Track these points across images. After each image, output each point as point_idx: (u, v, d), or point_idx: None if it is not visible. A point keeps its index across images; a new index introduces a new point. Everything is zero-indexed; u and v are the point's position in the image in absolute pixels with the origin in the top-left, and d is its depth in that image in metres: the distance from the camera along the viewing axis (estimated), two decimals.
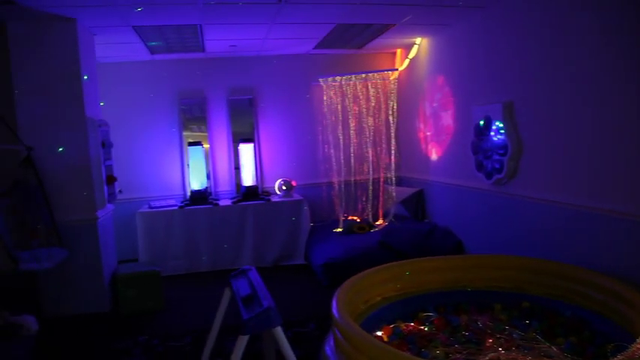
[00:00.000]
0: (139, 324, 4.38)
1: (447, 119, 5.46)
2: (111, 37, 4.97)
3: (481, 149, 4.59)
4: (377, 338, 2.98)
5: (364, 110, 6.41)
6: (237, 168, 6.50)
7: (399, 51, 6.69)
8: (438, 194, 5.88)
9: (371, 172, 6.45)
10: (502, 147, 4.25)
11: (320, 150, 6.61)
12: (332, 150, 6.52)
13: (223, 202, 6.10)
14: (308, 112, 6.67)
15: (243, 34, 5.34)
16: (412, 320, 3.38)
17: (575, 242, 3.57)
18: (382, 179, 6.49)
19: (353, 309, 3.02)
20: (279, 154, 6.70)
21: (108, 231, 4.84)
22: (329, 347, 2.84)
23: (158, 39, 5.21)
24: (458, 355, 2.79)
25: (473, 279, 3.65)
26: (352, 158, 6.49)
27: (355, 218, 6.35)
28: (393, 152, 6.39)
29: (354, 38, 5.72)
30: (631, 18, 3.04)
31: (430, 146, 5.95)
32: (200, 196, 6.12)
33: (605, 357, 2.64)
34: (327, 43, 5.94)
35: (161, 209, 5.84)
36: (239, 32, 5.23)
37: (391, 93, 6.36)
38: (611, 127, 3.23)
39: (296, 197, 6.21)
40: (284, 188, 6.30)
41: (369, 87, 6.39)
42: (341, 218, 6.27)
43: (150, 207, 5.94)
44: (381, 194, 6.50)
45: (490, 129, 4.40)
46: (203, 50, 5.92)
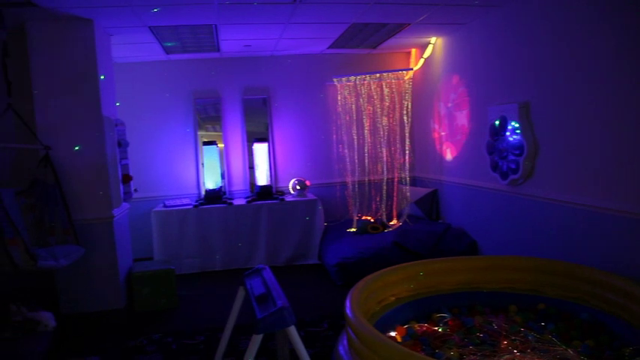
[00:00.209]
0: (154, 321, 4.42)
1: (462, 119, 5.43)
2: (127, 38, 5.02)
3: (496, 149, 4.55)
4: (390, 339, 2.97)
5: (378, 110, 6.40)
6: (251, 167, 6.52)
7: (414, 50, 6.66)
8: (453, 195, 5.84)
9: (385, 172, 6.43)
10: (518, 147, 4.21)
11: (334, 150, 6.61)
12: (346, 150, 6.52)
13: (237, 202, 6.13)
14: (322, 112, 6.67)
15: (257, 34, 5.35)
16: (426, 321, 3.37)
17: (591, 243, 3.53)
18: (396, 179, 6.47)
19: (366, 309, 3.02)
20: (293, 154, 6.71)
21: (123, 229, 4.88)
22: (342, 347, 2.84)
23: (174, 39, 5.25)
24: (472, 357, 2.77)
25: (487, 280, 3.62)
26: (366, 158, 6.48)
27: (369, 218, 6.34)
28: (408, 152, 6.36)
29: (369, 38, 5.71)
30: None
31: (445, 146, 5.91)
32: (214, 196, 6.15)
33: None
34: (342, 43, 5.93)
35: (176, 208, 5.88)
36: (254, 32, 5.25)
37: (406, 93, 6.33)
38: (628, 128, 3.19)
39: (310, 197, 6.21)
40: (298, 188, 6.30)
41: (384, 87, 6.37)
42: (355, 218, 6.27)
43: (165, 206, 5.99)
44: (395, 194, 6.49)
45: (506, 129, 4.36)
46: (218, 50, 5.95)
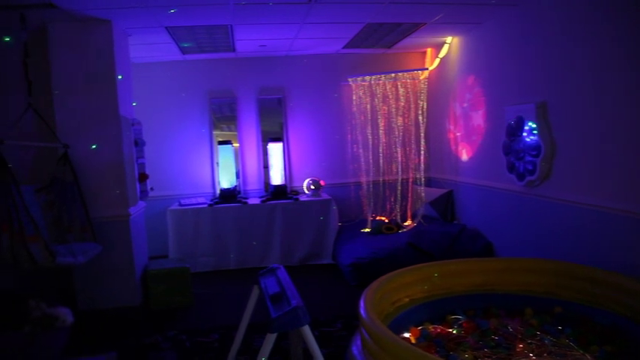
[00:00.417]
0: (168, 319, 4.46)
1: (478, 119, 5.38)
2: (144, 38, 5.07)
3: (513, 150, 4.51)
4: (404, 340, 2.96)
5: (393, 110, 6.37)
6: (266, 167, 6.55)
7: (429, 50, 6.62)
8: (468, 195, 5.80)
9: (400, 173, 6.40)
10: (535, 148, 4.17)
11: (349, 150, 6.60)
12: (361, 150, 6.50)
13: (252, 201, 6.16)
14: (337, 112, 6.67)
15: (272, 34, 5.37)
16: (440, 323, 3.35)
17: (609, 246, 3.48)
18: (411, 180, 6.44)
19: (380, 310, 3.01)
20: (307, 154, 6.72)
21: (139, 227, 4.93)
22: (356, 347, 2.84)
23: (190, 39, 5.29)
24: None
25: (503, 282, 3.59)
26: (381, 158, 6.46)
27: (383, 219, 6.32)
28: (423, 152, 6.33)
29: (384, 37, 5.69)
30: None
31: (460, 147, 5.87)
32: (229, 195, 6.19)
33: None
34: (357, 43, 5.92)
35: (191, 207, 5.93)
36: (269, 32, 5.27)
37: (421, 93, 6.30)
38: None
39: (324, 197, 6.22)
40: (312, 187, 6.31)
41: (399, 86, 6.34)
42: (369, 218, 6.25)
43: (180, 204, 6.04)
44: (410, 195, 6.46)
45: (522, 130, 4.31)
46: (233, 50, 5.98)
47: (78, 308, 4.42)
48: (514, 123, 4.43)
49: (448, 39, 5.99)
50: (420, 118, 6.29)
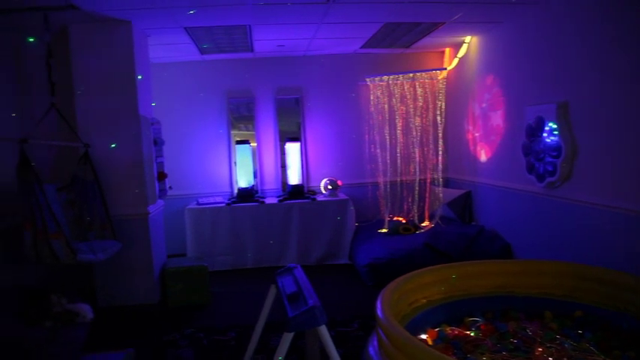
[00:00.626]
0: (186, 317, 4.50)
1: (497, 120, 5.32)
2: (163, 38, 5.13)
3: (533, 151, 4.45)
4: (421, 341, 2.94)
5: (411, 110, 6.34)
6: (283, 167, 6.57)
7: (448, 50, 6.57)
8: (487, 196, 5.74)
9: (417, 173, 6.37)
10: (555, 149, 4.10)
11: (366, 150, 6.58)
12: (378, 150, 6.48)
13: (269, 200, 6.18)
14: (354, 112, 6.66)
15: (290, 34, 5.38)
16: (458, 325, 3.32)
17: (631, 249, 3.41)
18: (429, 180, 6.40)
19: (397, 310, 2.99)
20: (325, 154, 6.72)
21: (158, 226, 4.98)
22: (372, 348, 2.83)
23: (208, 40, 5.32)
24: None
25: (522, 284, 3.54)
26: (398, 158, 6.42)
27: (401, 219, 6.28)
28: (441, 153, 6.28)
29: (402, 37, 5.66)
30: None
31: (479, 147, 5.81)
32: (247, 194, 6.22)
33: None
34: (374, 43, 5.90)
35: (209, 206, 5.97)
36: (287, 32, 5.28)
37: (439, 93, 6.25)
38: None
39: (341, 197, 6.21)
40: (330, 187, 6.31)
41: (417, 86, 6.30)
42: (386, 219, 6.23)
43: (198, 203, 6.09)
44: (428, 195, 6.42)
45: (543, 130, 4.25)
46: (251, 50, 6.01)
47: (98, 305, 4.49)
48: (534, 123, 4.37)
49: (467, 38, 5.94)
50: (439, 119, 6.24)
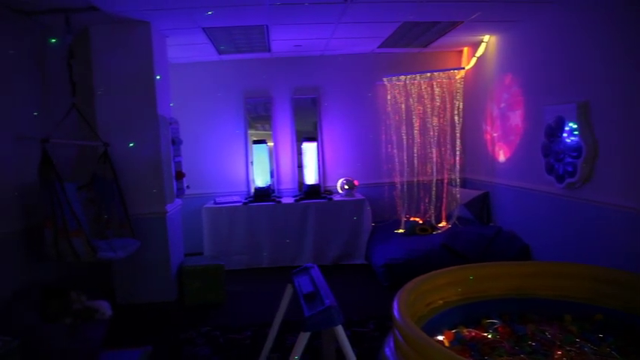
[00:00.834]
0: (202, 315, 4.53)
1: (516, 119, 5.26)
2: (182, 39, 5.17)
3: (552, 151, 4.39)
4: (438, 343, 2.92)
5: (429, 110, 6.30)
6: (300, 166, 6.58)
7: (466, 49, 6.52)
8: (505, 197, 5.68)
9: (434, 173, 6.33)
10: (575, 149, 4.04)
11: (383, 150, 6.56)
12: (395, 150, 6.45)
13: (286, 200, 6.20)
14: (371, 112, 6.64)
15: (308, 34, 5.39)
16: (475, 326, 3.29)
17: None
18: (446, 180, 6.35)
19: (414, 311, 2.98)
20: (341, 153, 6.71)
21: (176, 225, 5.03)
22: (389, 349, 2.82)
23: (226, 40, 5.36)
24: None
25: (540, 287, 3.49)
26: (415, 158, 6.39)
27: (417, 219, 6.25)
28: (458, 153, 6.23)
29: (420, 37, 5.63)
30: None
31: (497, 147, 5.75)
32: (263, 194, 6.24)
33: None
34: (392, 42, 5.88)
35: (225, 205, 6.01)
36: (304, 32, 5.29)
37: (457, 92, 6.20)
38: None
39: (358, 197, 6.20)
40: (346, 187, 6.30)
41: (434, 86, 6.26)
42: (403, 219, 6.20)
43: (215, 203, 6.13)
44: (445, 196, 6.37)
45: (562, 130, 4.19)
46: (269, 50, 6.03)
47: (116, 302, 4.55)
48: (554, 123, 4.31)
49: (485, 37, 5.88)
50: (456, 118, 6.19)
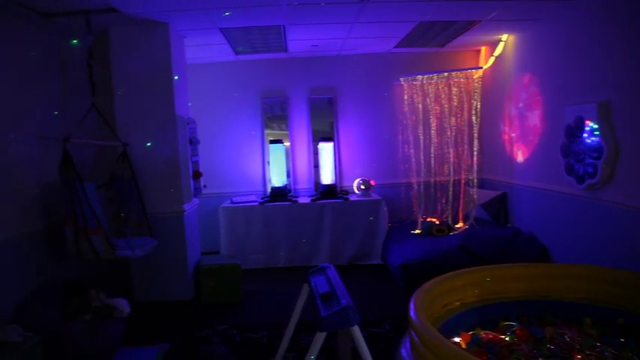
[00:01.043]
0: (219, 313, 4.57)
1: (534, 119, 5.20)
2: (199, 39, 5.21)
3: (572, 152, 4.32)
4: (455, 344, 2.90)
5: (446, 110, 6.25)
6: (316, 166, 6.58)
7: (484, 48, 6.45)
8: (523, 198, 5.61)
9: (452, 174, 6.28)
10: (596, 150, 3.98)
11: (399, 150, 6.53)
12: (412, 150, 6.42)
13: (302, 200, 6.21)
14: (388, 112, 6.61)
15: (324, 34, 5.39)
16: (492, 328, 3.26)
17: None
18: (463, 181, 6.30)
19: (431, 312, 2.96)
20: (358, 153, 6.70)
21: (193, 224, 5.07)
22: (405, 350, 2.81)
23: (243, 40, 5.38)
24: None
25: (559, 289, 3.44)
26: (432, 159, 6.35)
27: (434, 220, 6.20)
28: (476, 153, 6.18)
29: (437, 36, 5.59)
30: None
31: (515, 148, 5.69)
32: (280, 193, 6.26)
33: None
34: (409, 42, 5.85)
35: (242, 205, 6.04)
36: (321, 32, 5.29)
37: (475, 92, 6.15)
38: None
39: (374, 197, 6.18)
40: (362, 187, 6.29)
41: (452, 86, 6.22)
42: (419, 219, 6.16)
43: (232, 202, 6.16)
44: (462, 196, 6.31)
45: (583, 130, 4.13)
46: (285, 50, 6.05)
47: (134, 300, 4.60)
48: (573, 123, 4.25)
49: (504, 36, 5.81)
50: (474, 118, 6.14)
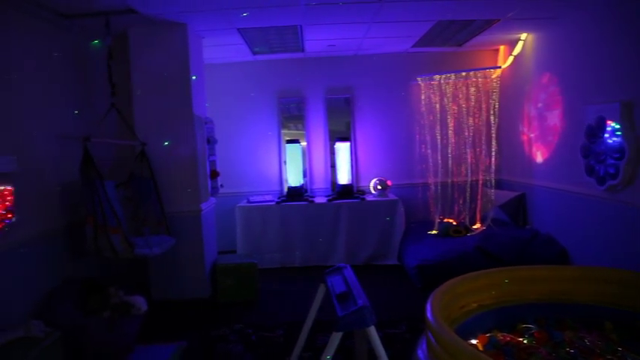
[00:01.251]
0: (235, 312, 4.59)
1: (554, 119, 5.12)
2: (217, 40, 5.24)
3: (593, 152, 4.25)
4: (472, 347, 2.88)
5: (464, 110, 6.20)
6: (332, 166, 6.58)
7: (503, 48, 6.38)
8: (542, 199, 5.54)
9: (469, 174, 6.22)
10: (618, 150, 3.91)
11: (416, 150, 6.49)
12: (429, 150, 6.38)
13: (318, 200, 6.21)
14: (405, 112, 6.58)
15: (342, 34, 5.38)
16: (510, 331, 3.22)
17: None
18: (481, 181, 6.24)
19: (447, 314, 2.94)
20: (374, 153, 6.68)
21: (210, 223, 5.10)
22: (421, 351, 2.79)
23: (261, 40, 5.40)
24: None
25: (579, 292, 3.39)
26: (450, 159, 6.30)
27: (451, 221, 6.15)
28: (494, 154, 6.12)
29: (455, 35, 5.55)
30: None
31: (534, 148, 5.61)
32: (296, 193, 6.28)
33: None
34: (426, 41, 5.81)
35: (259, 204, 6.06)
36: (338, 32, 5.28)
37: (493, 92, 6.09)
38: None
39: (391, 197, 6.16)
40: (379, 188, 6.27)
41: (470, 86, 6.16)
42: (436, 220, 6.12)
43: (248, 201, 6.19)
44: (480, 197, 6.25)
45: (604, 130, 4.06)
46: (302, 50, 6.05)
47: (151, 298, 4.64)
48: (594, 123, 4.18)
49: (523, 35, 5.75)
50: (492, 118, 6.08)
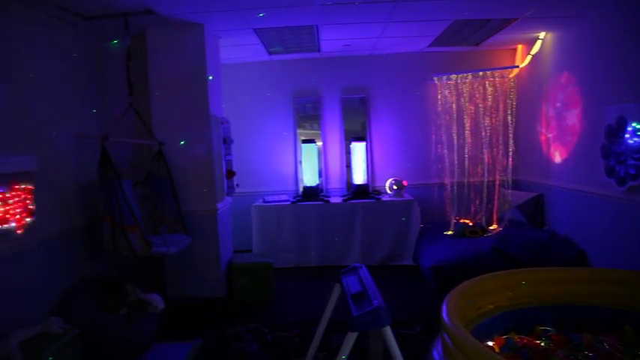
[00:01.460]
0: (250, 311, 4.61)
1: (573, 119, 5.05)
2: (233, 40, 5.27)
3: (613, 153, 4.19)
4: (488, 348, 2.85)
5: (480, 110, 6.15)
6: (348, 166, 6.57)
7: (520, 47, 6.31)
8: (560, 200, 5.46)
9: (486, 174, 6.17)
10: (639, 151, 3.84)
11: (432, 150, 6.45)
12: (445, 150, 6.34)
13: (334, 200, 6.21)
14: (421, 112, 6.55)
15: (357, 34, 5.38)
16: (527, 333, 3.18)
17: None
18: (498, 182, 6.18)
19: (463, 315, 2.92)
20: (390, 153, 6.66)
21: (226, 222, 5.14)
22: (437, 352, 2.77)
23: (277, 40, 5.42)
24: None
25: (598, 295, 3.33)
26: (466, 159, 6.25)
27: (467, 221, 6.11)
28: (511, 154, 6.05)
29: (472, 35, 5.51)
30: None
31: (553, 149, 5.54)
32: (312, 193, 6.28)
33: None
34: (442, 41, 5.78)
35: (274, 204, 6.08)
36: (354, 32, 5.28)
37: (510, 91, 6.03)
38: None
39: (407, 197, 6.14)
40: (395, 188, 6.25)
41: (487, 85, 6.11)
42: (452, 221, 6.08)
43: (264, 201, 6.22)
44: (496, 198, 6.20)
45: (625, 130, 3.99)
46: (318, 50, 6.06)
47: (167, 296, 4.69)
48: (615, 123, 4.11)
49: (541, 34, 5.68)
50: (509, 118, 6.02)
